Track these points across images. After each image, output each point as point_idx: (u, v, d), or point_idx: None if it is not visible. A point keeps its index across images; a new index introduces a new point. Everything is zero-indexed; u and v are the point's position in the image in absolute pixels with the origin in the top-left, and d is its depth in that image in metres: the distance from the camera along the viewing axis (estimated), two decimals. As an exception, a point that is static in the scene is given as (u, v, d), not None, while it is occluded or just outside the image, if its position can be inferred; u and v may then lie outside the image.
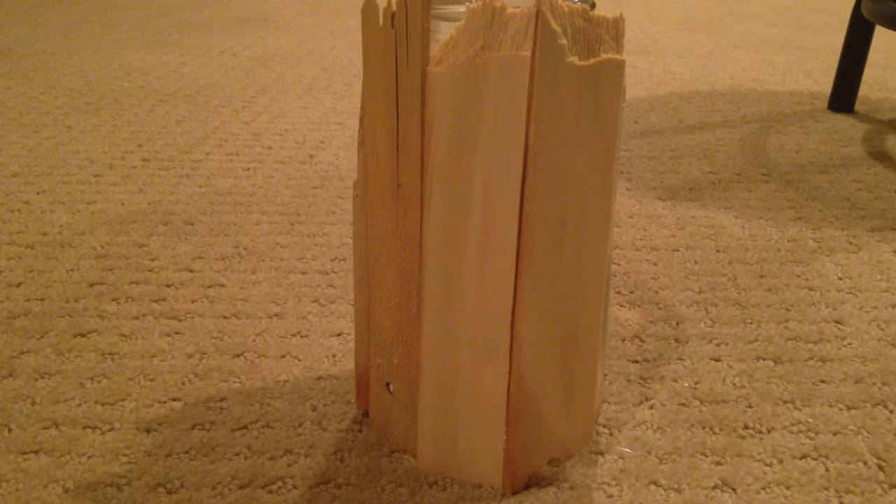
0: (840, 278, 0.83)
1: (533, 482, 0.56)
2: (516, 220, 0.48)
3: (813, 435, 0.61)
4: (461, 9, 0.50)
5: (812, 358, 0.70)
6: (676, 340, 0.72)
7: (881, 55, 1.75)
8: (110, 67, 1.57)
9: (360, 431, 0.61)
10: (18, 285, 0.80)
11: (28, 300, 0.78)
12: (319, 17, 2.07)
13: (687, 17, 2.12)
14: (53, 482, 0.56)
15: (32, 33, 1.82)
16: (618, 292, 0.80)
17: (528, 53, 0.44)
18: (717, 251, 0.89)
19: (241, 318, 0.75)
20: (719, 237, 0.92)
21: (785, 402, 0.64)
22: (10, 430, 0.60)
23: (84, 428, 0.61)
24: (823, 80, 1.55)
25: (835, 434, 0.61)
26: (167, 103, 1.36)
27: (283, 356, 0.70)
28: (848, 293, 0.80)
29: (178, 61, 1.62)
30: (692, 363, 0.69)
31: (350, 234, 0.91)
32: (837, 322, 0.75)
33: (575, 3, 0.47)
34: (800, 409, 0.63)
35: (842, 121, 1.32)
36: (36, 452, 0.58)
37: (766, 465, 0.58)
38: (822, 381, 0.67)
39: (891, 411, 0.63)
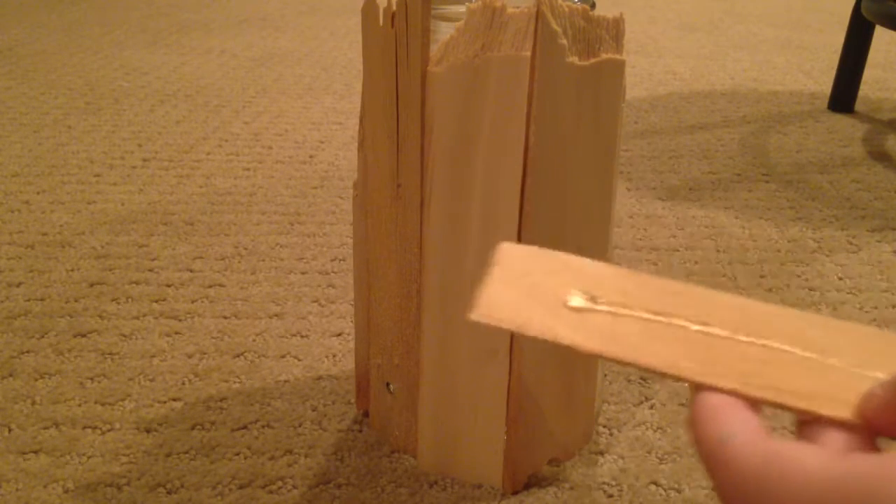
0: (840, 278, 0.83)
1: (533, 482, 0.56)
2: (516, 220, 0.48)
3: (813, 435, 0.61)
4: (461, 9, 0.50)
5: (812, 358, 0.70)
6: (676, 340, 0.72)
7: (881, 55, 1.75)
8: (110, 67, 1.57)
9: (360, 431, 0.61)
10: (18, 285, 0.80)
11: (28, 300, 0.78)
12: (319, 17, 2.07)
13: (687, 17, 2.12)
14: (53, 482, 0.56)
15: (32, 33, 1.82)
16: (618, 292, 0.80)
17: (528, 53, 0.44)
18: (717, 251, 0.89)
19: (241, 318, 0.75)
20: (719, 237, 0.92)
21: (785, 402, 0.64)
22: (10, 430, 0.60)
23: (84, 428, 0.61)
24: (823, 80, 1.55)
25: (835, 434, 0.61)
26: (167, 103, 1.36)
27: (283, 356, 0.69)
28: (848, 293, 0.80)
29: (178, 61, 1.62)
30: (692, 363, 0.69)
31: (350, 234, 0.91)
32: (837, 322, 0.75)
33: (575, 3, 0.47)
34: (800, 409, 0.63)
35: (842, 121, 1.32)
36: (36, 452, 0.58)
37: (766, 465, 0.58)
38: (822, 381, 0.67)
39: (891, 411, 0.63)
